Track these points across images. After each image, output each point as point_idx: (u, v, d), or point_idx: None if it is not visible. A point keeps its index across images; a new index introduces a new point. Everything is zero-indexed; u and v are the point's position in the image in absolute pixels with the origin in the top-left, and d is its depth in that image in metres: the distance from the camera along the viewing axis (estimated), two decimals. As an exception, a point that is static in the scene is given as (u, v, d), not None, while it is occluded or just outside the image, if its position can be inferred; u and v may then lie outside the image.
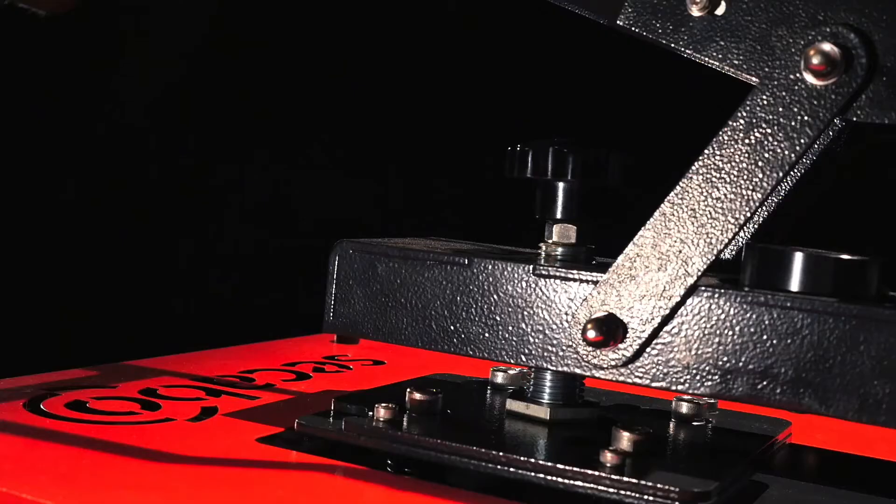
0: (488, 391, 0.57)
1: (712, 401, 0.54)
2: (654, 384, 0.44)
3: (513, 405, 0.52)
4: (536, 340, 0.46)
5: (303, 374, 0.68)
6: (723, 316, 0.42)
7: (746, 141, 0.42)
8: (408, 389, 0.50)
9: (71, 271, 1.05)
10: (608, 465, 0.43)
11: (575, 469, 0.43)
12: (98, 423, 0.52)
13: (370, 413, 0.48)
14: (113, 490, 0.42)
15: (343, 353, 0.77)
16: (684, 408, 0.54)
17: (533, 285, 0.46)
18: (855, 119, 0.41)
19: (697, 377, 0.43)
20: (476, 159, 0.98)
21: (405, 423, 0.48)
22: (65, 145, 1.06)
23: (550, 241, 0.50)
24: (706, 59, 0.43)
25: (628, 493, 0.42)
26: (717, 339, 0.43)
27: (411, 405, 0.50)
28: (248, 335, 0.78)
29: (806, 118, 0.41)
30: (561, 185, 0.49)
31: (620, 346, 0.44)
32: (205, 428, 0.53)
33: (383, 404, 0.48)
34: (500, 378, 0.58)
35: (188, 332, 1.02)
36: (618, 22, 0.45)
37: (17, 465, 0.45)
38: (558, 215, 0.50)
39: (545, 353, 0.46)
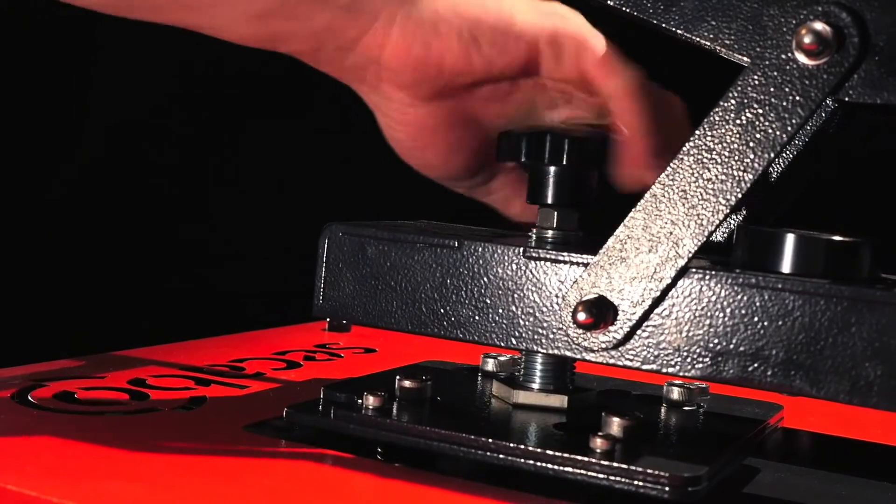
0: (478, 378, 0.57)
1: (703, 385, 0.54)
2: (644, 367, 0.43)
3: (502, 392, 0.51)
4: (527, 323, 0.46)
5: (293, 363, 0.68)
6: (714, 298, 0.42)
7: (738, 121, 0.42)
8: (397, 377, 0.50)
9: (59, 262, 1.05)
10: (598, 450, 0.43)
11: (565, 455, 0.43)
12: (86, 414, 0.51)
13: (359, 401, 0.48)
14: (101, 480, 0.42)
15: (334, 342, 0.76)
16: (675, 393, 0.54)
17: (523, 268, 0.46)
18: (847, 99, 0.40)
19: (688, 360, 0.43)
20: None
21: (394, 411, 0.48)
22: (54, 137, 1.06)
23: (541, 226, 0.50)
24: (697, 38, 0.43)
25: (618, 478, 0.42)
26: (707, 322, 0.42)
27: (401, 393, 0.49)
28: (239, 324, 0.78)
29: (797, 98, 0.41)
30: (553, 169, 0.49)
31: (611, 328, 0.43)
32: (193, 417, 0.52)
33: (372, 392, 0.48)
34: (490, 365, 0.58)
35: (178, 321, 1.02)
36: (608, 1, 0.44)
37: (4, 457, 0.44)
38: (549, 200, 0.49)
39: (535, 336, 0.45)
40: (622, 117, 0.47)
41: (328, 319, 0.80)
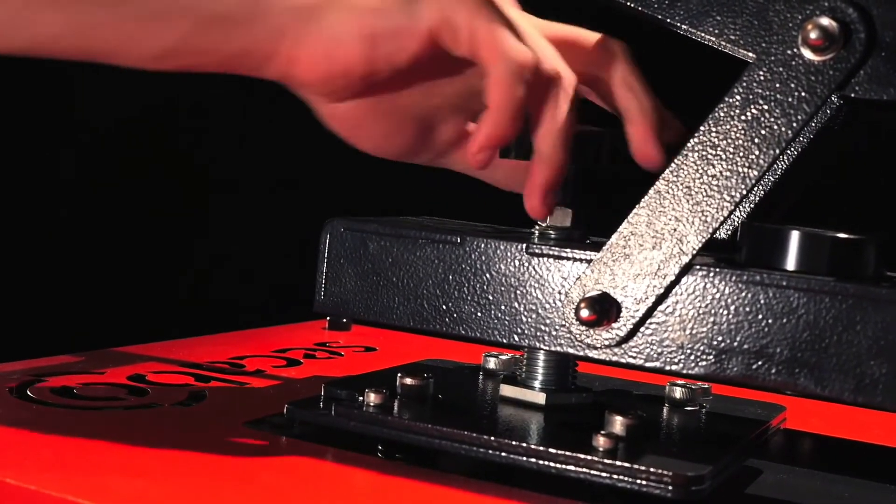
0: (480, 376, 0.57)
1: (706, 385, 0.54)
2: (647, 364, 0.43)
3: (505, 390, 0.51)
4: (529, 320, 0.45)
5: (293, 361, 0.68)
6: (718, 295, 0.42)
7: (743, 117, 0.41)
8: (398, 374, 0.50)
9: (60, 259, 1.05)
10: (601, 449, 0.43)
11: (567, 453, 0.43)
12: (85, 409, 0.51)
13: (360, 398, 0.48)
14: (99, 475, 0.42)
15: (334, 340, 0.76)
16: (678, 393, 0.53)
17: (526, 264, 0.46)
18: (853, 95, 0.40)
19: (692, 357, 0.42)
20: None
21: (396, 408, 0.47)
22: (53, 137, 1.06)
23: (544, 224, 0.50)
24: (702, 34, 0.43)
25: (621, 477, 0.42)
26: (711, 319, 0.42)
27: (402, 390, 0.49)
28: (239, 322, 0.78)
29: (803, 94, 0.41)
30: None
31: (614, 325, 0.43)
32: (192, 412, 0.52)
33: (374, 389, 0.47)
34: (492, 363, 0.58)
35: (178, 319, 1.01)
36: (613, -3, 0.44)
37: (3, 451, 0.44)
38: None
39: (538, 333, 0.45)
40: (491, 99, 0.46)
41: (329, 318, 0.80)
